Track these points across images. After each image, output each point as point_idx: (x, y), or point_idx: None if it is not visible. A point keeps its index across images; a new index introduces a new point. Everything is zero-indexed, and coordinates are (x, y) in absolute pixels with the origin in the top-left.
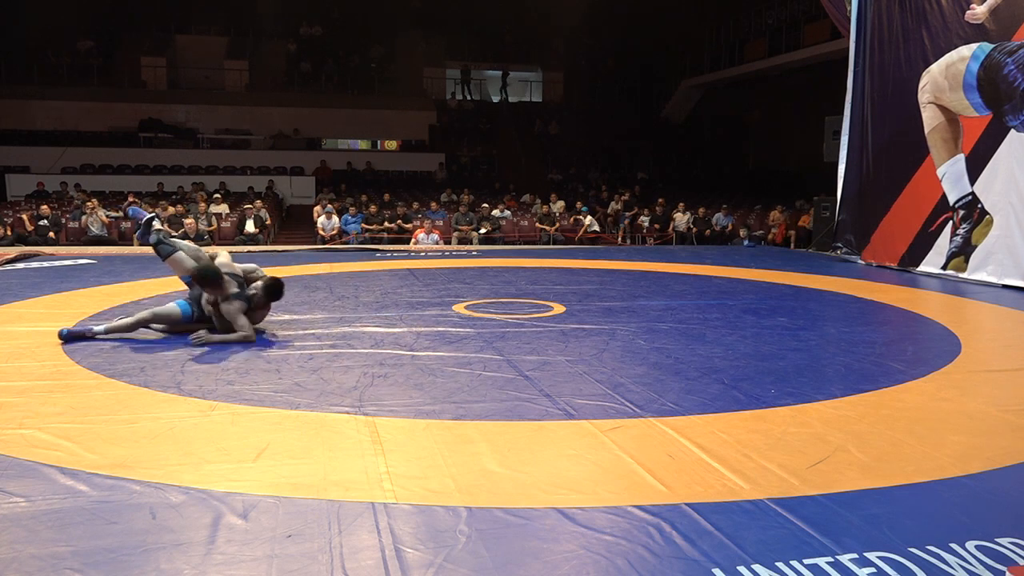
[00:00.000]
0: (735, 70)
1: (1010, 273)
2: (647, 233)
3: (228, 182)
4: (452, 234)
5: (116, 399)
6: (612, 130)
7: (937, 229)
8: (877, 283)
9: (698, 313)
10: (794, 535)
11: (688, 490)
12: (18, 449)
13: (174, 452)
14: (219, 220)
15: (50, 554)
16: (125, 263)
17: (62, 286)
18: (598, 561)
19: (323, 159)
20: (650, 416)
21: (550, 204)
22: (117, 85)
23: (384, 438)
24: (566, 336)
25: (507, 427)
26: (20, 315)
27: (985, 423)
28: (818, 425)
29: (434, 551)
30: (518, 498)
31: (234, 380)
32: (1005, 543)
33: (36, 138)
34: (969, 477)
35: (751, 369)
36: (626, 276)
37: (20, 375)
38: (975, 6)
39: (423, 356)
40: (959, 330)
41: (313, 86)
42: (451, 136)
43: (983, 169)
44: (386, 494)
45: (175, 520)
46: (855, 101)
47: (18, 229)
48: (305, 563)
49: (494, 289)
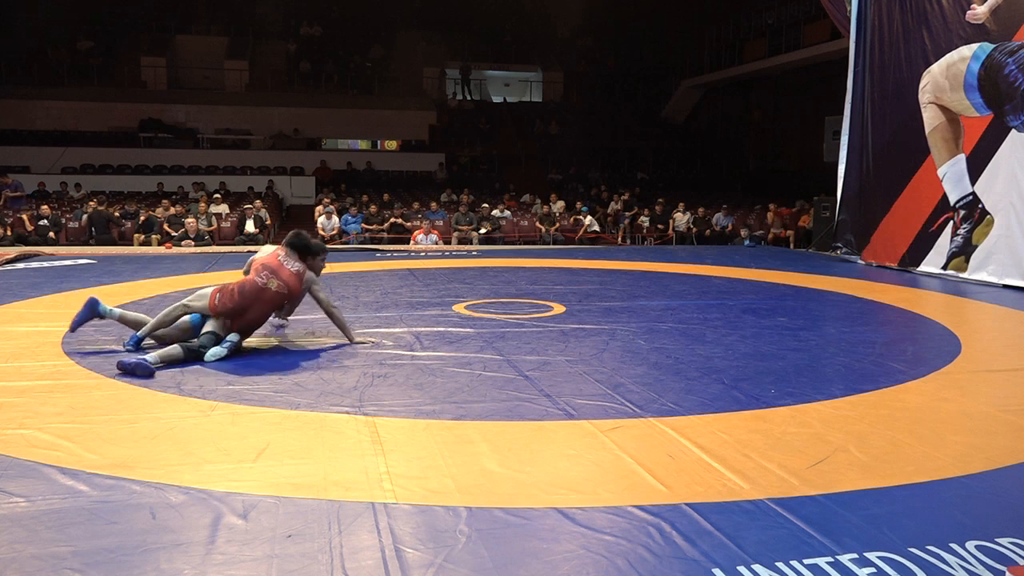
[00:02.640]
0: (735, 70)
1: (1011, 273)
2: (647, 233)
3: (228, 182)
4: (452, 234)
5: (116, 399)
6: (612, 130)
7: (938, 229)
8: (877, 283)
9: (698, 313)
10: (794, 535)
11: (688, 490)
12: (18, 449)
13: (174, 452)
14: (219, 220)
15: (50, 554)
16: (125, 263)
17: (62, 286)
18: (598, 561)
19: (323, 159)
20: (650, 416)
21: (550, 204)
22: (117, 85)
23: (384, 438)
24: (566, 336)
25: (507, 427)
26: (20, 315)
27: (985, 423)
28: (818, 425)
29: (434, 551)
30: (518, 498)
31: (234, 380)
32: (1005, 543)
33: (36, 138)
34: (969, 477)
35: (751, 369)
36: (626, 276)
37: (20, 375)
38: (976, 6)
39: (423, 356)
40: (959, 330)
41: (313, 86)
42: (451, 136)
43: (984, 169)
44: (386, 494)
45: (175, 520)
46: (855, 101)
47: (18, 229)
48: (305, 563)
49: (494, 289)
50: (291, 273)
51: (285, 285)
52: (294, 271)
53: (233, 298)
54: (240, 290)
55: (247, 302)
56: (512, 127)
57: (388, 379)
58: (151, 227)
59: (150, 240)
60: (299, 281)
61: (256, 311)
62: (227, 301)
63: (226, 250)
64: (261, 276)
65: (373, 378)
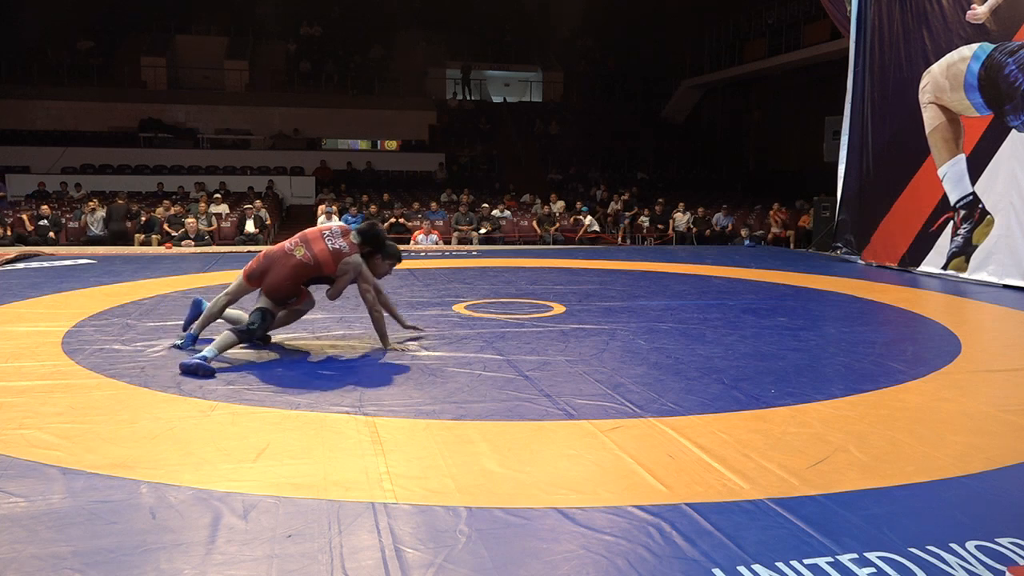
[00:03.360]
0: (735, 70)
1: (1011, 273)
2: (647, 233)
3: (228, 182)
4: (452, 234)
5: (116, 399)
6: (612, 130)
7: (938, 229)
8: (877, 283)
9: (698, 313)
10: (794, 535)
11: (688, 490)
12: (18, 449)
13: (174, 452)
14: (219, 220)
15: (50, 554)
16: (125, 263)
17: (62, 286)
18: (598, 561)
19: (323, 159)
20: (650, 416)
21: (550, 204)
22: (117, 85)
23: (384, 438)
24: (566, 336)
25: (507, 427)
26: (20, 315)
27: (985, 423)
28: (818, 425)
29: (434, 551)
30: (518, 498)
31: (234, 380)
32: (1005, 543)
33: (36, 138)
34: (969, 477)
35: (751, 369)
36: (626, 276)
37: (20, 375)
38: (976, 6)
39: (423, 356)
40: (959, 330)
41: (313, 86)
42: (451, 136)
43: (984, 169)
44: (386, 494)
45: (175, 520)
46: (855, 101)
47: (18, 229)
48: (305, 563)
49: (494, 289)
50: (326, 249)
51: (313, 258)
52: (332, 248)
53: (259, 260)
54: (267, 252)
55: (268, 263)
56: (512, 127)
57: (388, 379)
58: (151, 227)
59: (150, 240)
60: (333, 260)
61: (276, 274)
62: (254, 264)
63: (226, 250)
64: (291, 243)
65: (373, 378)
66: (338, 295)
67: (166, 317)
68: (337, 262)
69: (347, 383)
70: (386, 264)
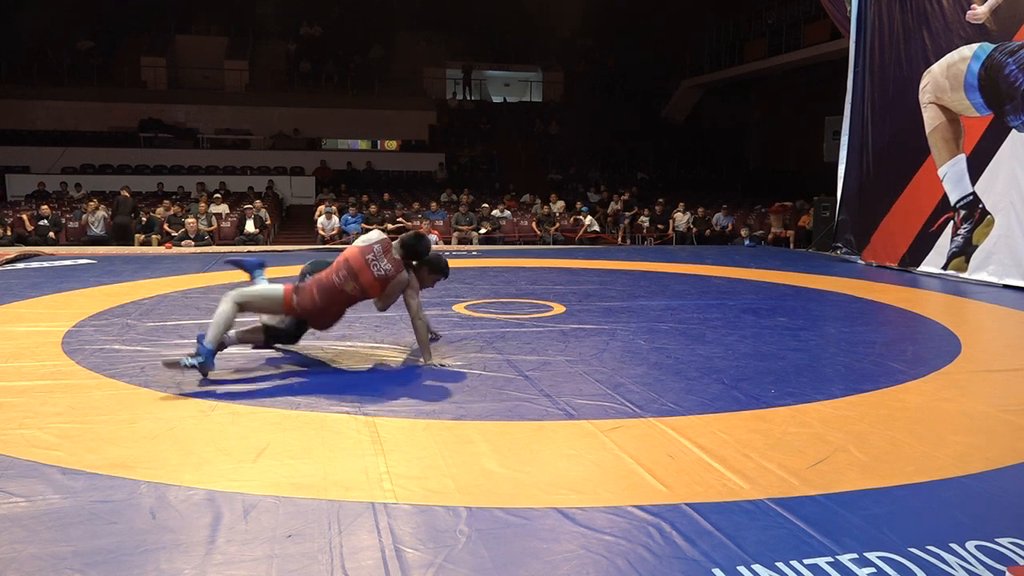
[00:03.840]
0: (735, 70)
1: (1011, 273)
2: (647, 233)
3: (228, 182)
4: (452, 234)
5: (116, 399)
6: (612, 130)
7: (938, 229)
8: (877, 283)
9: (698, 313)
10: (794, 535)
11: (688, 490)
12: (18, 449)
13: (174, 452)
14: (219, 220)
15: (50, 554)
16: (125, 263)
17: (62, 286)
18: (598, 561)
19: (323, 159)
20: (650, 416)
21: (550, 204)
22: (117, 85)
23: (384, 438)
24: (566, 336)
25: (507, 427)
26: (20, 315)
27: (985, 423)
28: (818, 425)
29: (434, 551)
30: (518, 498)
31: (234, 380)
32: (1005, 543)
33: (36, 138)
34: (969, 477)
35: (751, 369)
36: (626, 276)
37: (20, 375)
38: (976, 6)
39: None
40: (959, 330)
41: (313, 86)
42: (451, 136)
43: (984, 169)
44: (386, 494)
45: (175, 520)
46: (855, 101)
47: (18, 229)
48: (305, 563)
49: (494, 289)
50: (372, 278)
51: (360, 288)
52: (377, 276)
53: (313, 299)
54: (319, 288)
55: (327, 303)
56: (512, 127)
57: (388, 379)
58: (151, 227)
59: (150, 240)
60: (380, 286)
61: (337, 310)
62: (307, 303)
63: (226, 250)
64: (339, 275)
65: (373, 378)
66: (387, 308)
67: (166, 317)
68: (384, 286)
69: (347, 383)
70: (431, 278)
